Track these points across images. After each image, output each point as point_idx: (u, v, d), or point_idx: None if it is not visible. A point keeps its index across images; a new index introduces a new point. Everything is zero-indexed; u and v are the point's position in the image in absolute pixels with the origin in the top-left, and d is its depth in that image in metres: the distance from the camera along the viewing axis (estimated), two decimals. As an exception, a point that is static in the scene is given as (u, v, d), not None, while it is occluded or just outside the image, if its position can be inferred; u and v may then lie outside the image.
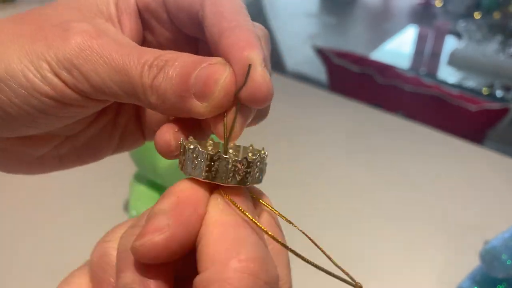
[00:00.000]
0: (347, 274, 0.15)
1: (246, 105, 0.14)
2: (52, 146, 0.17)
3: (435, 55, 1.86)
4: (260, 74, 0.14)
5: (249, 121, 0.15)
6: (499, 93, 1.67)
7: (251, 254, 0.12)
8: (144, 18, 0.17)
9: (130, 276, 0.12)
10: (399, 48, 2.02)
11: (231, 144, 0.15)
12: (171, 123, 0.15)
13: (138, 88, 0.14)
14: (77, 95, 0.15)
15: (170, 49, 0.15)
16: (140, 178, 0.41)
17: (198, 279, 0.12)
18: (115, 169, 0.49)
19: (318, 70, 1.50)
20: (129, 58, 0.14)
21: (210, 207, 0.13)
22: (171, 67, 0.14)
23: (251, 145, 0.16)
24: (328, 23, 3.10)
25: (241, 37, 0.14)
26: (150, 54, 0.14)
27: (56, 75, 0.14)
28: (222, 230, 0.13)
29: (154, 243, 0.12)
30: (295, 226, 0.16)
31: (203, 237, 0.13)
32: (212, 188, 0.14)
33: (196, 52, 0.18)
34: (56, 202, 0.46)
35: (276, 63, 1.45)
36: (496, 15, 2.64)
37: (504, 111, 1.04)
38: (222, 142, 0.15)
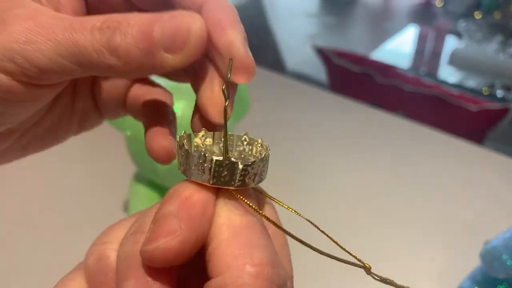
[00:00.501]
0: (355, 257, 0.16)
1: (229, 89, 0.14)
2: (13, 139, 0.17)
3: (436, 55, 1.86)
4: (244, 55, 0.14)
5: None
6: (499, 93, 1.66)
7: (265, 258, 0.12)
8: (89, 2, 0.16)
9: (134, 284, 0.12)
10: (399, 48, 2.02)
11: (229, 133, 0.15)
12: (159, 127, 0.16)
13: (92, 55, 0.13)
14: (27, 87, 0.14)
15: None
16: (140, 178, 0.41)
17: (212, 284, 0.12)
18: (115, 169, 0.50)
19: (318, 70, 1.50)
20: (73, 27, 0.13)
21: (219, 208, 0.13)
22: (128, 27, 0.13)
23: (246, 134, 0.16)
24: (328, 23, 3.10)
25: (220, 14, 0.14)
26: (95, 19, 0.13)
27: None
28: (234, 232, 0.12)
29: (168, 247, 0.12)
30: (299, 215, 0.16)
31: (213, 240, 0.12)
32: (217, 187, 0.14)
33: None
34: (56, 202, 0.46)
35: (276, 63, 1.45)
36: (497, 15, 2.63)
37: (504, 111, 1.04)
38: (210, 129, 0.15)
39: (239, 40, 0.14)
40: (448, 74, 1.77)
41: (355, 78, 1.25)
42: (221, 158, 0.13)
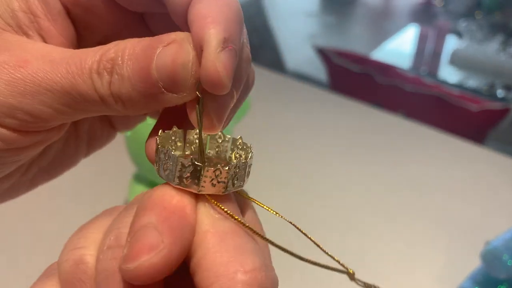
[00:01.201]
0: (338, 262, 0.15)
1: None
2: (19, 175, 0.16)
3: (436, 54, 1.86)
4: (210, 59, 0.11)
5: (229, 109, 0.13)
6: (500, 93, 1.66)
7: (256, 263, 0.12)
8: (75, 14, 0.14)
9: None
10: (399, 47, 2.02)
11: (219, 134, 0.14)
12: (157, 130, 0.14)
13: (97, 102, 0.12)
14: (30, 135, 0.13)
15: (116, 35, 0.13)
16: (140, 178, 0.41)
17: None
18: (115, 169, 0.49)
19: (318, 70, 1.50)
20: (71, 73, 0.12)
21: (201, 214, 0.12)
22: (123, 66, 0.12)
23: (240, 138, 0.15)
24: (328, 23, 3.09)
25: (206, 10, 0.12)
26: (91, 57, 0.12)
27: None
28: (220, 240, 0.12)
29: (152, 264, 0.11)
30: (282, 217, 0.16)
31: (198, 249, 0.12)
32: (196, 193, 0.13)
33: (146, 29, 0.16)
34: (55, 202, 0.45)
35: (276, 63, 1.45)
36: (497, 15, 2.63)
37: (505, 111, 1.04)
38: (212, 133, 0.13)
39: (214, 42, 0.11)
40: (449, 74, 1.77)
41: (355, 78, 1.25)
42: (186, 158, 0.12)
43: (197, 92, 0.12)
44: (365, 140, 0.58)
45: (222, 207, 0.12)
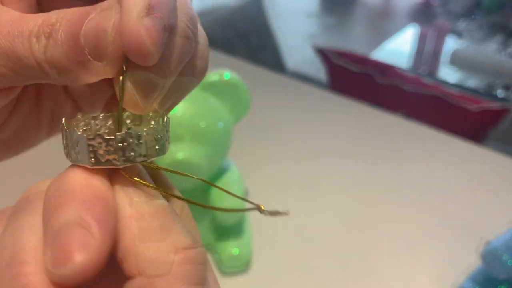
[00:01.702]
0: (248, 200, 0.15)
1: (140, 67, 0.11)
2: None
3: (436, 54, 1.86)
4: (131, 22, 0.11)
5: (157, 88, 0.12)
6: (500, 93, 1.66)
7: (185, 241, 0.11)
8: None
9: None
10: (399, 47, 2.02)
11: (151, 115, 0.13)
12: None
13: (34, 66, 0.12)
14: None
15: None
16: None
17: (139, 284, 0.10)
18: None
19: (318, 70, 1.50)
20: (12, 34, 0.12)
21: (121, 200, 0.11)
22: (58, 31, 0.11)
23: (151, 113, 0.13)
24: (328, 23, 3.10)
25: None
26: (34, 21, 0.12)
27: None
28: (145, 223, 0.11)
29: (88, 261, 0.10)
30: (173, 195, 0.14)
31: (123, 235, 0.11)
32: (105, 173, 0.12)
33: None
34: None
35: (276, 63, 1.45)
36: (497, 15, 2.63)
37: (505, 111, 1.04)
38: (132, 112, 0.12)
39: (137, 7, 0.11)
40: (448, 74, 1.77)
41: (355, 78, 1.25)
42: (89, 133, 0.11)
43: (123, 65, 0.11)
44: (364, 140, 0.58)
45: (140, 180, 0.12)
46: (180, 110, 0.33)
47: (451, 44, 1.90)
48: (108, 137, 0.11)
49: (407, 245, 0.42)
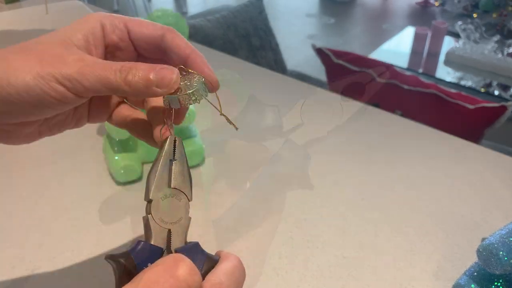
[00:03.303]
0: (229, 120, 0.27)
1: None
2: (36, 126, 0.26)
3: (433, 54, 1.87)
4: (216, 79, 0.27)
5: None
6: (496, 92, 1.67)
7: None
8: (109, 50, 0.27)
9: None
10: (397, 47, 2.03)
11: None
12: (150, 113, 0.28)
13: (114, 84, 0.23)
14: (73, 95, 0.23)
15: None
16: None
17: None
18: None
19: (318, 70, 1.50)
20: (106, 68, 0.23)
21: None
22: (138, 70, 0.23)
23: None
24: (327, 23, 3.10)
25: (199, 59, 0.26)
26: (117, 64, 0.23)
27: (61, 84, 0.22)
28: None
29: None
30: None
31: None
32: None
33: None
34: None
35: (276, 63, 1.46)
36: (494, 15, 2.64)
37: (501, 110, 1.05)
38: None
39: (212, 71, 0.27)
40: (446, 73, 1.78)
41: (354, 77, 1.25)
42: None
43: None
44: (363, 138, 0.59)
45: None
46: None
47: (448, 44, 1.91)
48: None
49: (403, 241, 0.43)
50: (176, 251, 0.23)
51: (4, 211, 0.44)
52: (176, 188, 0.24)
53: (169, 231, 0.24)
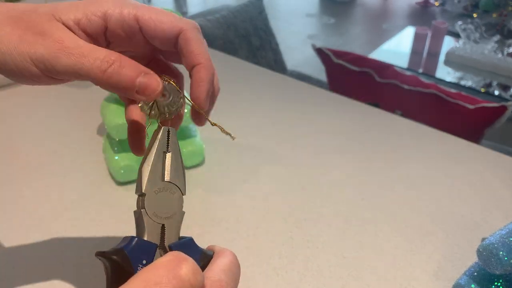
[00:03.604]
0: (224, 130, 0.26)
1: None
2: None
3: (433, 54, 1.87)
4: (203, 103, 0.25)
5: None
6: (496, 92, 1.67)
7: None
8: (113, 41, 0.25)
9: None
10: (397, 47, 2.03)
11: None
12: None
13: (90, 74, 0.22)
14: (46, 77, 0.23)
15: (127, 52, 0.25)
16: (110, 99, 0.48)
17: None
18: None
19: (318, 70, 1.50)
20: (84, 55, 0.22)
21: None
22: (123, 67, 0.22)
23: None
24: (327, 23, 3.10)
25: (202, 75, 0.24)
26: (101, 52, 0.22)
27: (34, 65, 0.22)
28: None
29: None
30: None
31: None
32: None
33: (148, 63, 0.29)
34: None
35: (276, 63, 1.46)
36: (494, 15, 2.64)
37: (501, 110, 1.05)
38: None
39: (204, 98, 0.25)
40: (446, 73, 1.78)
41: (354, 77, 1.26)
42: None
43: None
44: (363, 138, 0.59)
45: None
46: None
47: (448, 44, 1.91)
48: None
49: (403, 241, 0.43)
50: (170, 247, 0.23)
51: (4, 211, 0.44)
52: (170, 182, 0.23)
53: (163, 226, 0.23)
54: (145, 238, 0.22)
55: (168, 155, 0.23)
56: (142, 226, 0.22)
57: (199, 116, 0.26)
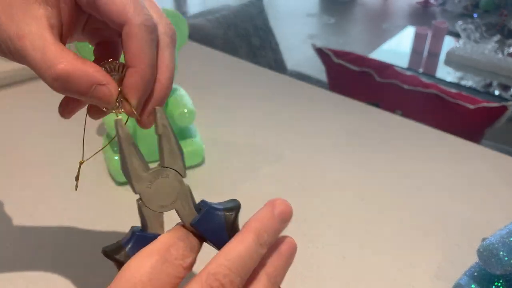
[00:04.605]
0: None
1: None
2: None
3: (434, 54, 1.87)
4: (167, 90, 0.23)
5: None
6: (497, 91, 1.67)
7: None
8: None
9: None
10: (397, 47, 2.02)
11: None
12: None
13: (45, 77, 0.20)
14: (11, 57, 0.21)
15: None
16: None
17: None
18: None
19: (318, 70, 1.50)
20: (41, 58, 0.20)
21: None
22: (70, 81, 0.20)
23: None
24: (327, 23, 3.10)
25: (133, 83, 0.22)
26: (56, 58, 0.20)
27: None
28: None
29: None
30: None
31: None
32: None
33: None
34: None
35: (276, 63, 1.46)
36: (494, 15, 2.63)
37: (502, 110, 1.05)
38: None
39: (134, 103, 0.22)
40: (446, 73, 1.78)
41: (354, 77, 1.26)
42: None
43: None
44: (363, 138, 0.59)
45: None
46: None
47: (449, 43, 1.91)
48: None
49: (403, 241, 0.43)
50: (192, 225, 0.22)
51: (3, 211, 0.44)
52: (162, 167, 0.22)
53: (176, 211, 0.22)
54: (149, 231, 0.22)
55: (159, 138, 0.22)
56: (143, 218, 0.22)
57: (138, 121, 0.23)
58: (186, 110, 0.47)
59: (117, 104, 0.22)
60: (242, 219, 0.47)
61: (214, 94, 0.68)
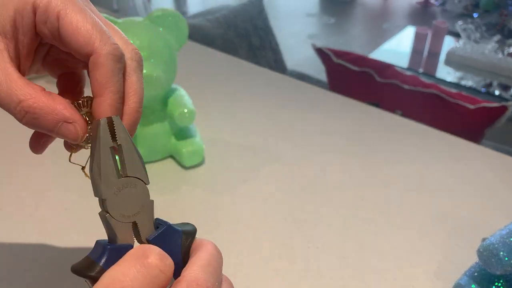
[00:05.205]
0: (83, 168, 0.25)
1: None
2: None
3: (434, 54, 1.87)
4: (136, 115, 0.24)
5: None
6: (497, 92, 1.67)
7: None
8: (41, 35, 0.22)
9: None
10: (397, 47, 2.02)
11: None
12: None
13: (12, 112, 0.20)
14: None
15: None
16: None
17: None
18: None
19: (318, 70, 1.50)
20: (6, 93, 0.20)
21: None
22: (37, 119, 0.20)
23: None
24: (327, 23, 3.10)
25: (101, 113, 0.21)
26: (22, 94, 0.20)
27: None
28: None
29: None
30: None
31: None
32: None
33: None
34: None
35: (276, 63, 1.46)
36: (494, 15, 2.64)
37: (502, 110, 1.05)
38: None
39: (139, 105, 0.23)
40: (446, 73, 1.78)
41: (354, 77, 1.26)
42: None
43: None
44: (363, 138, 0.59)
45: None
46: (140, 38, 0.44)
47: (449, 43, 1.91)
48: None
49: (403, 241, 0.43)
50: (149, 241, 0.22)
51: (3, 211, 0.44)
52: (128, 176, 0.21)
53: (134, 223, 0.22)
54: (118, 242, 0.21)
55: (119, 149, 0.21)
56: (111, 229, 0.21)
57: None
58: (186, 110, 0.47)
59: (87, 139, 0.22)
60: (241, 219, 0.47)
61: (214, 94, 0.68)
